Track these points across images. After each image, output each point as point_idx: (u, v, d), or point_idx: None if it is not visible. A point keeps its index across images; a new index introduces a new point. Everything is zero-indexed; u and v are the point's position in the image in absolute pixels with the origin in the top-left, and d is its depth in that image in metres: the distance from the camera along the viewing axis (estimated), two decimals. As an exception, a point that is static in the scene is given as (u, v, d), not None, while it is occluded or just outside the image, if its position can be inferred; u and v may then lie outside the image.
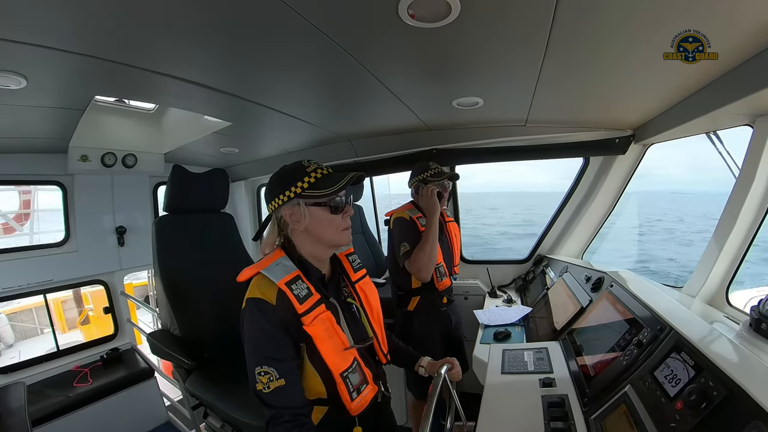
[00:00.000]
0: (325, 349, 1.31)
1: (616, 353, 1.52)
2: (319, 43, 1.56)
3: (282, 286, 1.29)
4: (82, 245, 3.86)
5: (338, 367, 1.33)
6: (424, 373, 1.69)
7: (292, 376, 1.27)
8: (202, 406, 2.29)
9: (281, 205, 1.37)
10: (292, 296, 1.29)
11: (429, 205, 2.59)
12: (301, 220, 1.36)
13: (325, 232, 1.40)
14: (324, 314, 1.34)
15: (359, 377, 1.40)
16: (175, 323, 2.46)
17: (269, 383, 1.22)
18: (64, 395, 3.20)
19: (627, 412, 1.20)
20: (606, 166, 3.14)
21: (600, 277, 2.21)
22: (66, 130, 2.92)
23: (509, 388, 1.69)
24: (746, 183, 1.92)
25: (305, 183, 1.35)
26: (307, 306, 1.31)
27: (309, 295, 1.33)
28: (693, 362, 1.13)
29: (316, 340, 1.30)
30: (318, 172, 1.38)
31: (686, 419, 1.00)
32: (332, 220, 1.39)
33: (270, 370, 1.23)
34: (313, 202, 1.36)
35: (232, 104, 2.40)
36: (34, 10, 1.27)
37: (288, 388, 1.24)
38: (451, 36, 1.51)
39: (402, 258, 2.54)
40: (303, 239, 1.41)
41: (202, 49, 1.66)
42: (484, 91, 2.31)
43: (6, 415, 2.06)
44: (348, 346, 1.37)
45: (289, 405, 1.25)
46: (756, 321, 1.27)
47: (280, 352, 1.27)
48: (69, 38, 1.51)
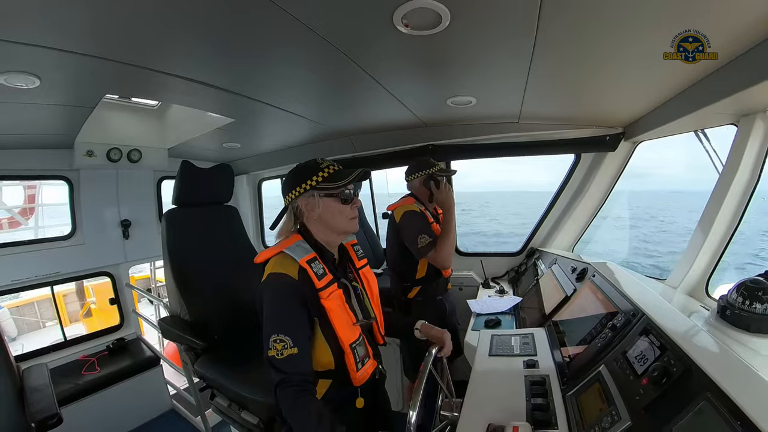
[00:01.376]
0: (338, 322, 1.47)
1: (594, 337, 1.63)
2: (319, 47, 1.66)
3: (303, 264, 1.45)
4: (89, 238, 3.95)
5: (348, 339, 1.49)
6: (419, 335, 1.82)
7: (304, 347, 1.40)
8: (209, 388, 2.41)
9: (298, 196, 1.53)
10: (312, 273, 1.45)
11: (447, 199, 2.67)
12: (315, 209, 1.53)
13: (336, 221, 1.56)
14: (337, 292, 1.50)
15: (364, 350, 1.56)
16: (184, 308, 2.61)
17: (283, 350, 1.35)
18: (73, 383, 3.31)
19: (600, 389, 1.31)
20: (597, 163, 3.22)
21: (584, 267, 2.32)
22: (73, 126, 3.00)
23: (495, 368, 1.81)
24: (728, 180, 1.99)
25: (319, 177, 1.51)
26: (324, 282, 1.47)
27: (324, 274, 1.49)
28: (659, 343, 1.25)
29: (331, 313, 1.46)
30: (331, 168, 1.54)
31: (649, 393, 1.11)
32: (342, 210, 1.56)
33: (285, 339, 1.36)
34: (326, 193, 1.52)
35: (235, 102, 2.49)
36: (50, 14, 1.35)
37: (299, 356, 1.37)
38: (442, 41, 1.61)
39: (423, 250, 2.59)
40: (317, 227, 1.57)
41: (207, 50, 1.75)
42: (477, 91, 2.41)
43: (32, 390, 2.17)
44: (356, 322, 1.53)
45: (299, 371, 1.38)
46: (722, 308, 1.36)
47: (296, 324, 1.41)
48: (82, 41, 1.59)
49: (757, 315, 1.25)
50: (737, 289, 1.32)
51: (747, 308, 1.27)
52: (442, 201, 2.70)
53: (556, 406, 1.41)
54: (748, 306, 1.27)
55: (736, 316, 1.30)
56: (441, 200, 2.70)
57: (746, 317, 1.27)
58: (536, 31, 1.50)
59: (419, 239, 2.60)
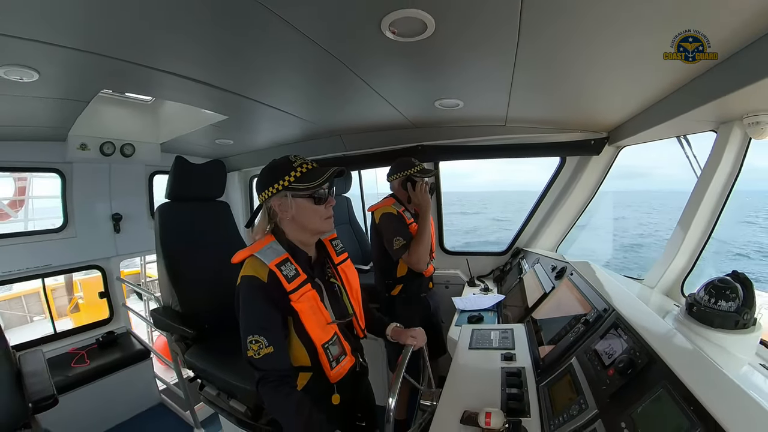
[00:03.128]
0: (310, 324, 1.49)
1: (567, 331, 1.71)
2: (310, 50, 1.72)
3: (273, 267, 1.46)
4: (80, 231, 3.96)
5: (320, 339, 1.51)
6: (390, 338, 1.86)
7: (279, 345, 1.44)
8: (198, 378, 2.47)
9: (270, 196, 1.53)
10: (281, 276, 1.46)
11: (423, 201, 2.71)
12: (288, 210, 1.53)
13: (310, 221, 1.55)
14: (309, 293, 1.51)
15: (338, 349, 1.58)
16: (176, 299, 2.67)
17: (259, 350, 1.39)
18: (63, 375, 3.32)
19: (570, 380, 1.39)
20: (581, 166, 3.30)
21: (563, 266, 2.39)
22: (67, 119, 3.01)
23: (474, 360, 1.87)
24: (705, 185, 2.06)
25: (291, 177, 1.50)
26: (294, 285, 1.48)
27: (296, 276, 1.50)
28: (626, 336, 1.33)
29: (302, 315, 1.48)
30: (303, 167, 1.52)
31: (615, 383, 1.19)
32: (316, 210, 1.54)
33: (260, 339, 1.40)
34: (299, 194, 1.51)
35: (228, 99, 2.53)
36: (49, 10, 1.39)
37: (275, 354, 1.41)
38: (429, 47, 1.67)
39: (398, 251, 2.65)
40: (290, 227, 1.57)
41: (202, 48, 1.79)
42: (464, 94, 2.47)
43: (30, 375, 2.22)
44: (330, 321, 1.55)
45: (276, 368, 1.42)
46: (689, 306, 1.44)
47: (269, 324, 1.44)
48: (80, 37, 1.63)
49: (722, 312, 1.33)
50: (705, 288, 1.40)
51: (712, 306, 1.35)
52: (417, 203, 2.75)
53: (530, 396, 1.48)
54: (713, 303, 1.35)
55: (702, 313, 1.37)
56: (416, 202, 2.76)
57: (711, 313, 1.34)
58: (518, 37, 1.56)
59: (394, 241, 2.66)
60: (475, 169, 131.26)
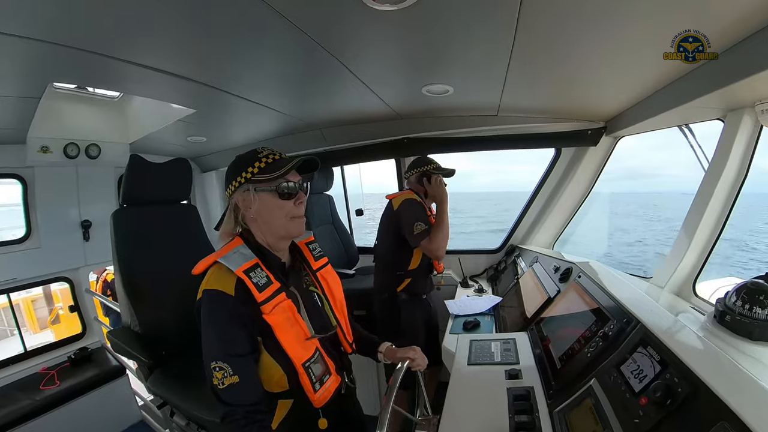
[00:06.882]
0: (286, 339, 1.28)
1: (582, 345, 1.52)
2: (285, 31, 1.55)
3: (240, 274, 1.25)
4: (46, 241, 3.69)
5: (300, 357, 1.30)
6: (383, 359, 1.66)
7: (246, 373, 1.23)
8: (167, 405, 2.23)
9: (234, 190, 1.35)
10: (251, 284, 1.25)
11: (440, 193, 2.79)
12: (252, 205, 1.34)
13: (274, 219, 1.35)
14: (284, 303, 1.30)
15: (321, 368, 1.38)
16: (135, 320, 2.39)
17: (224, 379, 1.19)
18: (30, 399, 3.06)
19: (592, 406, 1.19)
20: (577, 158, 3.19)
21: (568, 267, 2.24)
22: (23, 119, 2.79)
23: (475, 379, 1.70)
24: (714, 177, 1.94)
25: (255, 168, 1.32)
26: (266, 294, 1.27)
27: (269, 284, 1.29)
28: (659, 357, 1.12)
29: (276, 329, 1.27)
30: (270, 158, 1.35)
31: (650, 415, 0.99)
32: (282, 206, 1.34)
33: (224, 366, 1.19)
34: (262, 187, 1.33)
35: (196, 91, 2.33)
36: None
37: (241, 385, 1.20)
38: (415, 21, 1.49)
39: (419, 237, 2.64)
40: (256, 226, 1.38)
41: (165, 34, 1.62)
42: (454, 79, 2.29)
43: None
44: (309, 336, 1.35)
45: (241, 403, 1.22)
46: (720, 313, 1.26)
47: (235, 347, 1.23)
48: (25, 23, 1.45)
49: (759, 321, 1.15)
50: (737, 293, 1.22)
51: (748, 313, 1.18)
52: (433, 194, 2.82)
53: (543, 424, 1.29)
54: (748, 311, 1.17)
55: (736, 323, 1.20)
56: (432, 193, 2.82)
57: (748, 324, 1.17)
58: (518, 14, 1.40)
59: (416, 226, 2.66)
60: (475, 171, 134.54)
